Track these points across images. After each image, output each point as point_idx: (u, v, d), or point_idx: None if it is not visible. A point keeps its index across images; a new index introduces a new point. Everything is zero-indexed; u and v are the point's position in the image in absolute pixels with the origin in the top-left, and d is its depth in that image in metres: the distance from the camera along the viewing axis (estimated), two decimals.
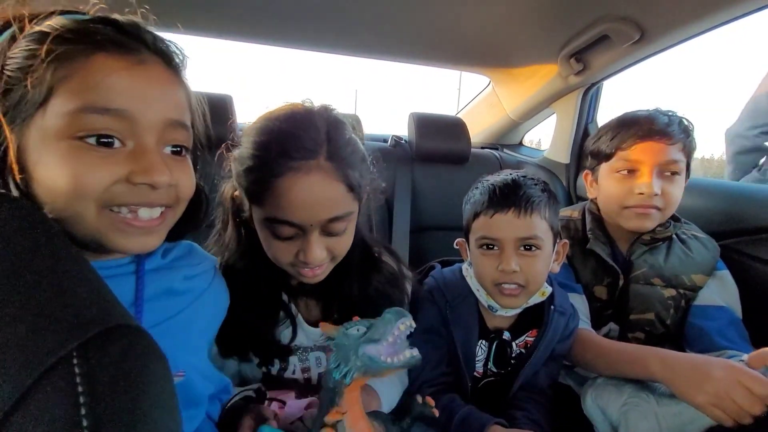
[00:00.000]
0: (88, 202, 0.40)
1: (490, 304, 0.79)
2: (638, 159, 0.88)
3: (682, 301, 0.91)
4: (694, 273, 0.91)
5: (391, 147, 1.55)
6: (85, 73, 0.39)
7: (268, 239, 0.61)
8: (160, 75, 0.44)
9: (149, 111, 0.42)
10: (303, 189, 0.55)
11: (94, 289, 0.27)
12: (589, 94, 1.48)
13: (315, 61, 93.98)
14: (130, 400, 0.24)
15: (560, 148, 1.61)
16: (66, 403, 0.21)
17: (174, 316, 0.51)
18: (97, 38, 0.40)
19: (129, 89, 0.41)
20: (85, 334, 0.24)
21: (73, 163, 0.39)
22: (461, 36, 1.29)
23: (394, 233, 1.34)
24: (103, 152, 0.40)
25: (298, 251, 0.60)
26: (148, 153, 0.42)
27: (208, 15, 1.17)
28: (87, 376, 0.23)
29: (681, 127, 0.89)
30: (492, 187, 0.77)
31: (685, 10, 0.98)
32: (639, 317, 0.92)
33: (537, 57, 1.41)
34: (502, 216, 0.74)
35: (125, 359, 0.25)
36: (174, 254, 0.55)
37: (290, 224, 0.58)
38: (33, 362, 0.22)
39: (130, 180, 0.41)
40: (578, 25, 1.16)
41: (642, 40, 1.10)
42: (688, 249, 0.93)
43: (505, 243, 0.74)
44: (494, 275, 0.75)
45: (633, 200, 0.89)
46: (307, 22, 1.21)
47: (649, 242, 0.93)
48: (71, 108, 0.38)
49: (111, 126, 0.40)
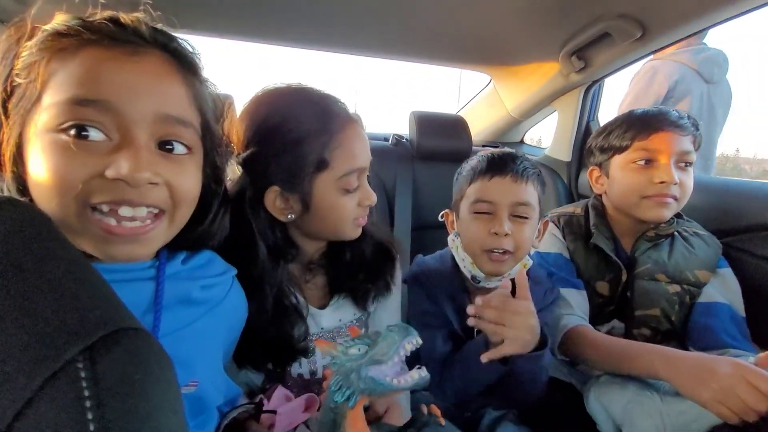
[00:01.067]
0: (67, 199, 0.38)
1: (474, 274, 0.81)
2: (657, 148, 0.89)
3: (686, 297, 0.91)
4: (698, 269, 0.91)
5: (392, 145, 1.55)
6: (73, 66, 0.38)
7: (338, 199, 0.66)
8: (156, 67, 0.42)
9: (138, 103, 0.40)
10: (357, 134, 0.67)
11: (99, 292, 0.27)
12: (591, 92, 1.48)
13: (314, 60, 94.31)
14: (136, 403, 0.24)
15: (562, 146, 1.60)
16: (72, 408, 0.21)
17: (189, 324, 0.49)
18: (91, 32, 0.39)
19: (116, 80, 0.39)
20: (90, 338, 0.24)
21: (53, 156, 0.37)
22: (462, 34, 1.28)
23: (396, 231, 1.34)
24: (83, 145, 0.38)
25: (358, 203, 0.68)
26: (131, 146, 0.39)
27: (206, 14, 1.16)
28: (92, 380, 0.23)
29: (691, 121, 0.92)
30: (491, 155, 0.82)
31: (686, 7, 0.97)
32: (644, 313, 0.92)
33: (538, 55, 1.40)
34: (500, 179, 0.78)
35: (130, 362, 0.25)
36: (193, 263, 0.53)
37: (361, 169, 0.67)
38: (39, 366, 0.21)
39: (105, 175, 0.38)
40: (579, 22, 1.15)
41: (643, 38, 1.09)
42: (690, 246, 0.94)
43: (499, 206, 0.78)
44: (485, 240, 0.78)
45: (652, 189, 0.89)
46: (307, 20, 1.20)
47: (653, 238, 0.94)
48: (59, 100, 0.37)
49: (96, 118, 0.38)
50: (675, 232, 0.95)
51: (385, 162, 1.43)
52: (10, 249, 0.25)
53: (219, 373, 0.56)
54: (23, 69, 0.39)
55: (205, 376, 0.50)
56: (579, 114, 1.50)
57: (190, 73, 0.46)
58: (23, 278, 0.24)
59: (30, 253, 0.26)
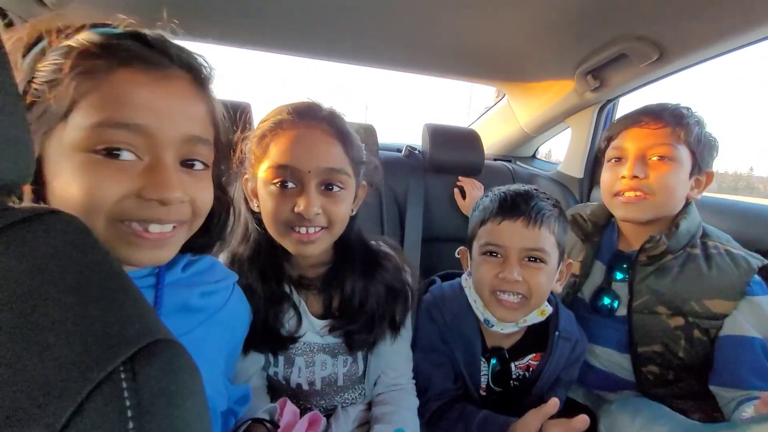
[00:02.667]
0: (97, 215, 0.40)
1: (486, 318, 0.77)
2: (623, 145, 0.88)
3: (694, 331, 0.81)
4: (709, 298, 0.80)
5: (404, 157, 1.56)
6: (107, 88, 0.39)
7: (270, 196, 0.64)
8: (184, 90, 0.44)
9: (168, 126, 0.42)
10: (304, 137, 0.63)
11: (138, 304, 0.28)
12: (605, 110, 1.48)
13: (326, 71, 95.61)
14: (173, 414, 0.25)
15: (574, 163, 1.60)
16: (116, 418, 0.22)
17: (187, 333, 0.49)
18: (121, 53, 0.40)
19: (149, 104, 0.40)
20: (131, 349, 0.25)
21: (85, 175, 0.39)
22: (479, 50, 1.30)
23: (406, 243, 1.35)
24: (115, 165, 0.40)
25: (293, 206, 0.63)
26: (163, 168, 0.42)
27: (223, 24, 1.19)
28: (133, 390, 0.24)
29: (673, 114, 0.85)
30: (503, 195, 0.77)
31: (706, 32, 0.98)
32: (647, 350, 0.85)
33: (554, 72, 1.41)
34: (510, 224, 0.73)
35: (167, 373, 0.26)
36: (195, 268, 0.53)
37: (290, 169, 0.63)
38: (85, 377, 0.22)
39: (141, 195, 0.41)
40: (596, 42, 1.16)
41: (660, 60, 1.10)
42: (709, 268, 0.82)
43: (509, 251, 0.73)
44: (493, 282, 0.74)
45: (619, 186, 0.87)
46: (325, 33, 1.22)
47: (646, 263, 0.85)
48: (91, 122, 0.38)
49: (128, 140, 0.40)
50: (691, 250, 0.84)
51: (397, 173, 1.44)
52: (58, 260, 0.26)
53: (219, 378, 0.56)
54: (47, 84, 0.39)
55: (206, 383, 0.51)
56: (593, 132, 1.51)
57: (207, 89, 0.48)
58: (74, 290, 0.25)
59: (76, 264, 0.27)
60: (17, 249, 0.24)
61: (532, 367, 0.81)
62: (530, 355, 0.82)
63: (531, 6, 1.00)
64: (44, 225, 0.27)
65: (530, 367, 0.82)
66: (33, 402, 0.21)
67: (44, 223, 0.27)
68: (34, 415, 0.21)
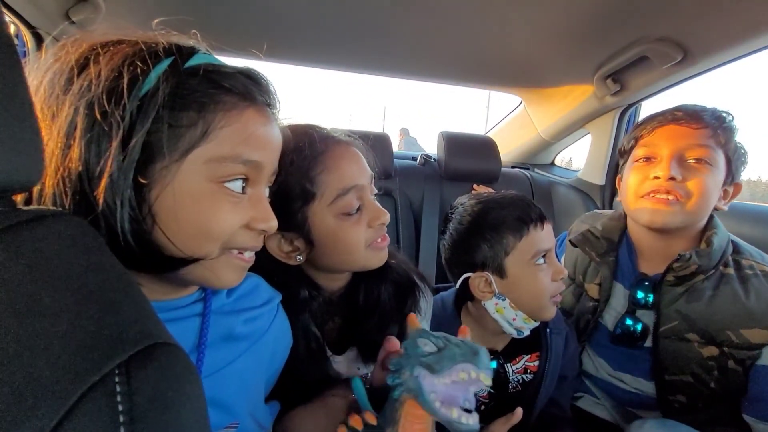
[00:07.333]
0: (215, 243, 0.41)
1: (518, 327, 0.73)
2: (656, 143, 0.79)
3: (729, 362, 0.73)
4: (747, 327, 0.71)
5: (420, 165, 1.55)
6: (240, 126, 0.41)
7: (340, 226, 0.60)
8: (276, 126, 0.47)
9: (270, 162, 0.45)
10: (344, 153, 0.61)
11: (139, 306, 0.28)
12: (627, 115, 1.44)
13: (344, 80, 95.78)
14: (167, 420, 0.24)
15: (595, 169, 1.56)
16: (106, 422, 0.22)
17: (231, 362, 0.48)
18: (251, 93, 0.42)
19: (265, 143, 0.43)
20: (127, 352, 0.24)
21: (211, 205, 0.40)
22: (495, 57, 1.29)
23: (422, 251, 1.34)
24: (237, 198, 0.42)
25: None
26: (263, 200, 0.45)
27: (242, 36, 1.21)
28: (127, 395, 0.23)
29: (714, 115, 0.77)
30: (525, 203, 0.75)
31: (731, 30, 0.94)
32: (674, 379, 0.78)
33: (572, 77, 1.39)
34: (541, 227, 0.73)
35: (163, 378, 0.25)
36: (239, 292, 0.52)
37: (357, 187, 0.60)
38: (78, 379, 0.22)
39: (250, 226, 0.43)
40: (616, 45, 1.13)
41: (684, 61, 1.06)
42: (746, 291, 0.74)
43: (551, 251, 0.73)
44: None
45: (648, 186, 0.78)
46: (344, 43, 1.24)
47: (674, 283, 0.77)
48: (222, 154, 0.40)
49: (246, 174, 0.42)
50: (723, 269, 0.76)
51: (413, 182, 1.43)
52: (58, 261, 0.26)
53: (260, 408, 0.54)
54: (178, 111, 0.38)
55: (246, 413, 0.50)
56: (614, 137, 1.47)
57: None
58: (71, 290, 0.25)
59: (78, 266, 0.27)
60: (17, 249, 0.25)
61: (530, 370, 0.79)
62: (525, 357, 0.80)
63: (548, 11, 0.99)
64: (47, 227, 0.27)
65: (528, 369, 0.80)
66: (23, 404, 0.20)
67: (48, 225, 0.28)
68: (24, 417, 0.20)
